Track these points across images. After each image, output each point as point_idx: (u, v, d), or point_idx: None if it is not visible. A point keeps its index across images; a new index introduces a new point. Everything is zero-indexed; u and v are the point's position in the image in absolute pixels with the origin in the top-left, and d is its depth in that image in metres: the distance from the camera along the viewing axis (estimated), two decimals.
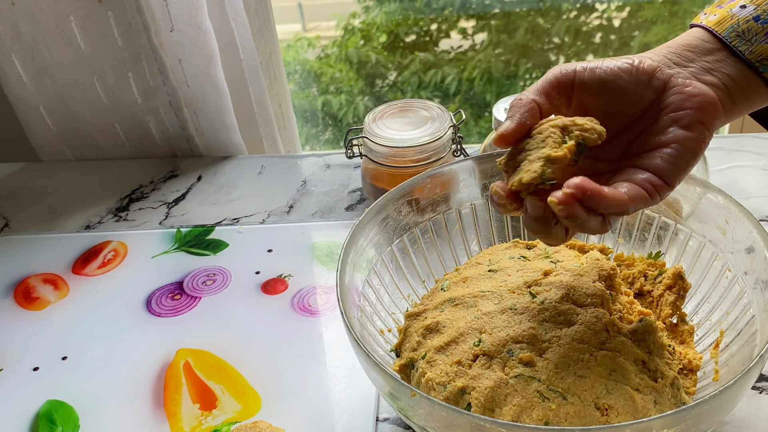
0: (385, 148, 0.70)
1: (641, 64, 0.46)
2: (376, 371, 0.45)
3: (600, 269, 0.52)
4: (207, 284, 0.70)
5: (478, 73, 2.03)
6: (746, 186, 0.77)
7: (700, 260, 0.56)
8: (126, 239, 0.77)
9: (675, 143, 0.44)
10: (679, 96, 0.45)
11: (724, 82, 0.45)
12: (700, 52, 0.47)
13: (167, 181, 0.87)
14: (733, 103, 0.46)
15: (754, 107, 0.48)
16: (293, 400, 0.58)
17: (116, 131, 0.90)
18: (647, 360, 0.47)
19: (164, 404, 0.59)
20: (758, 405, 0.54)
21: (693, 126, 0.44)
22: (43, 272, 0.73)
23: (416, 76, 2.07)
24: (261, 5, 0.94)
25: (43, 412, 0.59)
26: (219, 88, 0.86)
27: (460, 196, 0.62)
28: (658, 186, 0.43)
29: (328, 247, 0.74)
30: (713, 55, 0.46)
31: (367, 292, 0.55)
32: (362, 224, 0.56)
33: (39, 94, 0.86)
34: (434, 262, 0.61)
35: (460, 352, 0.48)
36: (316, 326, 0.65)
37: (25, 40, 0.81)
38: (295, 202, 0.81)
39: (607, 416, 0.44)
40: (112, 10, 0.79)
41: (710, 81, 0.45)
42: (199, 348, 0.63)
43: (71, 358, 0.64)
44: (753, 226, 0.51)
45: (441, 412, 0.42)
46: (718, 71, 0.46)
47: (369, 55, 2.06)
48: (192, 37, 0.81)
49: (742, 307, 0.51)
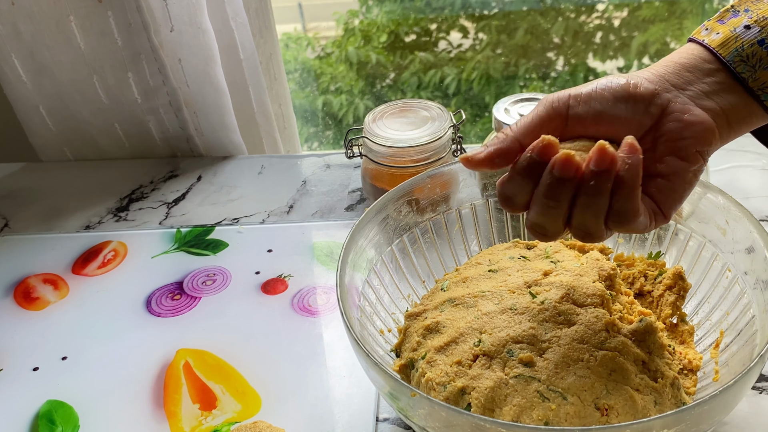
0: (385, 148, 0.70)
1: (638, 89, 0.44)
2: (376, 371, 0.45)
3: (600, 269, 0.52)
4: (207, 284, 0.70)
5: (478, 74, 2.03)
6: (746, 186, 0.77)
7: (700, 260, 0.56)
8: (126, 239, 0.77)
9: (672, 175, 0.43)
10: (677, 124, 0.43)
11: (722, 107, 0.44)
12: (701, 73, 0.45)
13: (167, 181, 0.87)
14: (730, 128, 0.45)
15: (751, 128, 0.46)
16: (293, 400, 0.58)
17: (116, 131, 0.90)
18: (647, 360, 0.47)
19: (164, 404, 0.59)
20: (758, 405, 0.54)
21: (691, 156, 0.43)
22: (43, 272, 0.73)
23: (416, 76, 2.07)
24: (261, 5, 0.94)
25: (43, 412, 0.59)
26: (219, 88, 0.86)
27: (460, 196, 0.62)
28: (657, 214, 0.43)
29: (328, 247, 0.74)
30: (713, 77, 0.44)
31: (367, 292, 0.55)
32: (362, 224, 0.56)
33: (39, 94, 0.86)
34: (434, 262, 0.61)
35: (460, 352, 0.48)
36: (316, 326, 0.65)
37: (25, 40, 0.81)
38: (295, 202, 0.81)
39: (607, 416, 0.44)
40: (112, 10, 0.79)
41: (709, 107, 0.44)
42: (199, 348, 0.63)
43: (71, 358, 0.64)
44: (753, 226, 0.51)
45: (441, 412, 0.42)
46: (717, 96, 0.44)
47: (369, 55, 2.06)
48: (192, 37, 0.81)
49: (742, 307, 0.51)
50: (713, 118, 0.43)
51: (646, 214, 0.42)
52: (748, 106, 0.44)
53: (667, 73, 0.45)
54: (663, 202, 0.43)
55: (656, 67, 0.46)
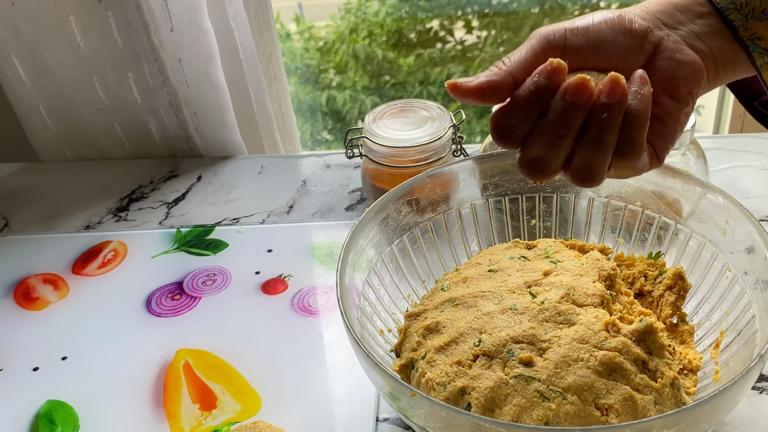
0: (385, 148, 0.70)
1: (632, 24, 0.43)
2: (376, 371, 0.45)
3: (600, 269, 0.52)
4: (207, 284, 0.70)
5: (482, 71, 2.03)
6: (746, 186, 0.77)
7: (700, 260, 0.56)
8: (126, 239, 0.77)
9: (666, 116, 0.42)
10: (670, 63, 0.43)
11: (711, 50, 0.44)
12: (692, 14, 0.44)
13: (167, 181, 0.87)
14: (717, 72, 0.44)
15: (736, 77, 0.46)
16: (293, 400, 0.58)
17: (116, 131, 0.90)
18: (647, 360, 0.47)
19: (164, 404, 0.59)
20: (758, 405, 0.54)
21: (682, 97, 0.43)
22: (43, 272, 0.73)
23: (421, 71, 2.07)
24: (261, 5, 0.94)
25: (43, 412, 0.59)
26: (219, 88, 0.86)
27: (460, 196, 0.62)
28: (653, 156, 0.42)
29: (328, 247, 0.74)
30: (704, 20, 0.44)
31: (367, 292, 0.55)
32: (362, 224, 0.56)
33: (39, 94, 0.86)
34: (434, 262, 0.61)
35: (460, 352, 0.48)
36: (316, 326, 0.65)
37: (25, 40, 0.81)
38: (295, 202, 0.81)
39: (607, 416, 0.44)
40: (112, 10, 0.79)
41: (699, 48, 0.44)
42: (199, 348, 0.63)
43: (71, 358, 0.64)
44: (753, 226, 0.51)
45: (441, 412, 0.42)
46: (707, 38, 0.44)
47: (375, 52, 2.06)
48: (192, 37, 0.81)
49: (742, 307, 0.51)
50: (702, 59, 0.43)
51: (647, 153, 0.42)
52: (734, 52, 0.44)
53: (659, 11, 0.45)
54: (658, 145, 0.43)
55: (648, 4, 0.45)
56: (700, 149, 0.68)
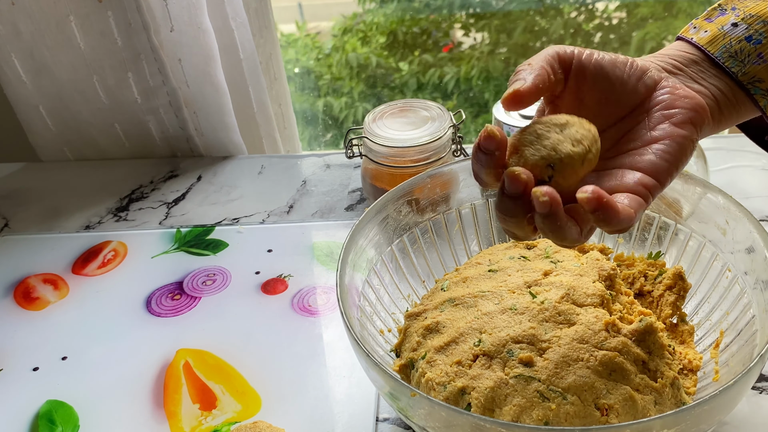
0: (385, 148, 0.70)
1: (634, 62, 0.45)
2: (376, 371, 0.45)
3: (600, 269, 0.52)
4: (207, 284, 0.70)
5: (477, 72, 2.03)
6: (746, 186, 0.77)
7: (700, 260, 0.56)
8: (126, 239, 0.77)
9: (667, 139, 0.43)
10: (670, 96, 0.44)
11: (712, 92, 0.45)
12: (689, 62, 0.46)
13: (167, 181, 0.87)
14: (721, 113, 0.45)
15: (741, 119, 0.47)
16: (293, 400, 0.58)
17: (116, 131, 0.90)
18: (647, 360, 0.47)
19: (164, 404, 0.59)
20: (758, 405, 0.54)
21: (685, 124, 0.43)
22: (43, 272, 0.73)
23: (415, 77, 2.07)
24: (261, 5, 0.94)
25: (42, 412, 0.59)
26: (219, 88, 0.86)
27: (460, 196, 0.62)
28: (651, 186, 0.42)
29: (328, 247, 0.74)
30: (700, 66, 0.46)
31: (367, 292, 0.55)
32: (362, 224, 0.56)
33: (39, 93, 0.86)
34: (434, 262, 0.61)
35: (460, 352, 0.48)
36: (316, 326, 0.65)
37: (25, 40, 0.81)
38: (295, 202, 0.81)
39: (607, 416, 0.45)
40: (112, 10, 0.79)
41: (699, 89, 0.45)
42: (199, 348, 0.63)
43: (71, 358, 0.64)
44: (753, 226, 0.51)
45: (441, 412, 0.42)
46: (706, 81, 0.45)
47: (369, 58, 2.06)
48: (192, 37, 0.81)
49: (742, 307, 0.51)
50: (704, 98, 0.44)
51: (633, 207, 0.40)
52: (735, 93, 0.45)
53: (657, 61, 0.46)
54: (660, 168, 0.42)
55: (645, 58, 0.47)
56: (700, 149, 0.68)
